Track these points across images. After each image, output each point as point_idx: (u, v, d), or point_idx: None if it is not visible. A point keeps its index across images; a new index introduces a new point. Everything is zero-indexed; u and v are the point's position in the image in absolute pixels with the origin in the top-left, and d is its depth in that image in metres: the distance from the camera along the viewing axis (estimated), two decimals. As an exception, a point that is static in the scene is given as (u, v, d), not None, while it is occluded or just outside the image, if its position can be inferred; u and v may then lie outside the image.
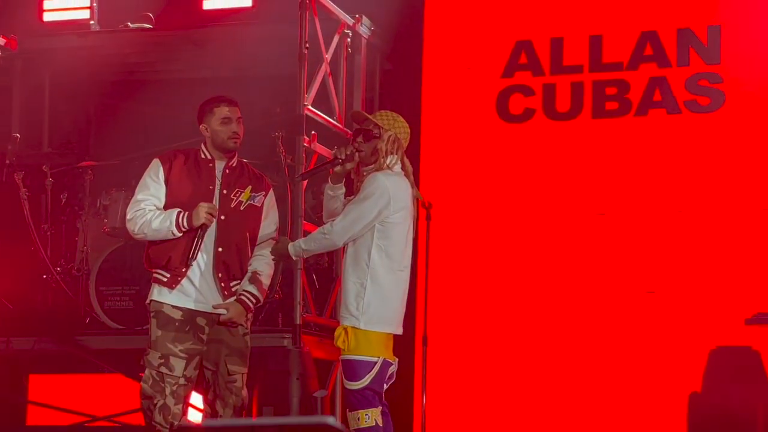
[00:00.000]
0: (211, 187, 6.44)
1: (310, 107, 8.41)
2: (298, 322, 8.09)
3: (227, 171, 6.49)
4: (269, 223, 6.61)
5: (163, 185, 6.42)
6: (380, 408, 6.13)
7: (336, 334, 6.20)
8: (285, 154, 8.62)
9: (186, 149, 6.65)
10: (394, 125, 6.30)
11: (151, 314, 6.39)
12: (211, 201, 6.39)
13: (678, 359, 8.20)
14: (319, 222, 7.69)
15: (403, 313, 6.32)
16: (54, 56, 9.70)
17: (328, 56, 8.71)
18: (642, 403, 8.20)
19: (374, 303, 6.15)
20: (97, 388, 8.95)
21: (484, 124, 8.90)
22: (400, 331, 6.32)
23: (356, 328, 6.14)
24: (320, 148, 8.45)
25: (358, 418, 6.08)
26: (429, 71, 9.08)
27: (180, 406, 6.34)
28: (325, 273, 8.98)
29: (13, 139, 9.55)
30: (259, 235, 6.56)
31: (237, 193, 6.46)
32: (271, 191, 6.66)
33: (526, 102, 8.86)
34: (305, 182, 8.28)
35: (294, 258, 6.53)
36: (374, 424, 6.07)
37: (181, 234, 6.31)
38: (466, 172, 8.87)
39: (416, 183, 8.77)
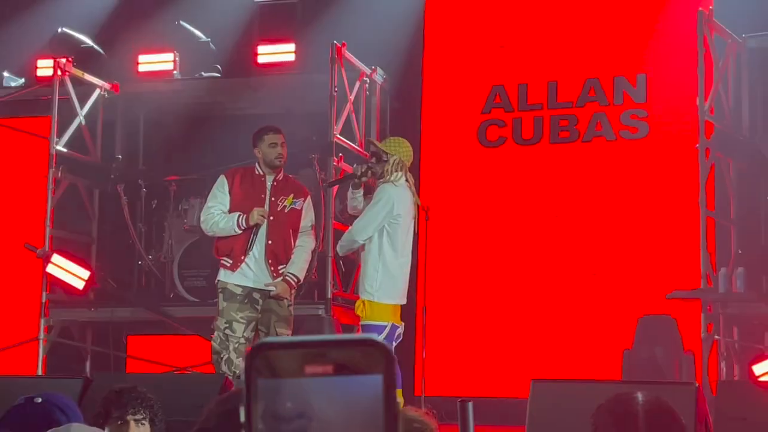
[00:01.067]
0: (262, 196, 6.44)
1: (338, 136, 8.39)
2: (329, 296, 8.06)
3: (275, 183, 6.48)
4: (307, 220, 6.59)
5: (228, 195, 6.43)
6: None
7: (356, 305, 6.20)
8: (319, 171, 8.61)
9: (244, 167, 6.65)
10: (399, 150, 6.32)
11: (219, 290, 6.41)
12: (263, 206, 6.37)
13: (615, 324, 8.18)
14: (345, 221, 7.67)
15: (407, 288, 6.31)
16: (146, 97, 9.69)
17: (351, 97, 8.68)
18: (589, 356, 8.18)
19: (384, 282, 6.14)
20: (179, 346, 8.90)
21: (468, 148, 8.88)
22: (404, 301, 6.30)
23: (371, 301, 6.13)
24: (346, 167, 8.41)
25: None
26: (427, 109, 9.06)
27: (241, 359, 6.33)
28: (350, 259, 8.94)
29: (116, 159, 9.56)
30: (300, 230, 6.53)
31: (282, 199, 6.46)
32: (309, 197, 6.65)
33: (500, 131, 8.84)
34: (334, 190, 8.25)
35: (341, 255, 6.64)
36: None
37: (241, 231, 6.32)
38: (455, 184, 8.87)
39: (417, 192, 8.77)
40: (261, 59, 9.22)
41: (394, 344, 6.27)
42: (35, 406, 3.05)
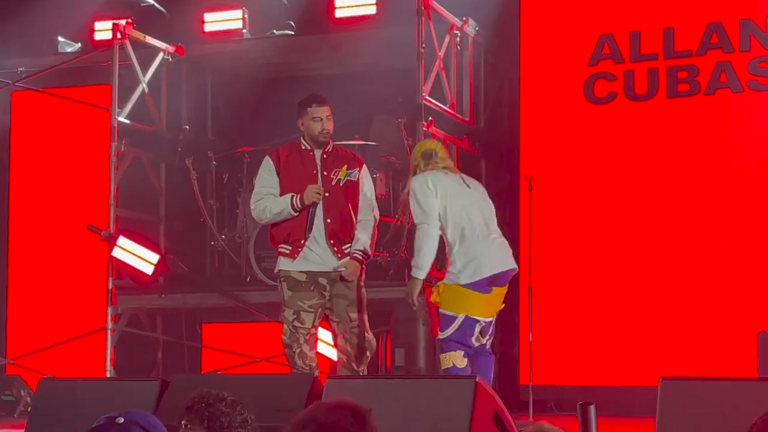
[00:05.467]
0: (314, 172, 6.42)
1: (427, 97, 8.29)
2: (422, 278, 7.96)
3: (325, 156, 6.48)
4: (367, 191, 6.56)
5: (276, 176, 6.44)
6: (461, 351, 6.07)
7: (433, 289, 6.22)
8: (407, 137, 8.52)
9: (289, 143, 6.60)
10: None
11: (282, 279, 6.40)
12: (316, 182, 6.34)
13: (748, 303, 7.98)
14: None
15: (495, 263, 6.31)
16: (214, 60, 9.71)
17: (441, 53, 8.57)
18: (719, 340, 7.99)
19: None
20: (258, 334, 8.94)
21: (573, 106, 8.69)
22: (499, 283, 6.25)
23: (446, 283, 6.31)
24: (437, 132, 8.30)
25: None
26: (526, 63, 8.87)
27: (314, 352, 6.38)
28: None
29: (183, 130, 9.59)
30: (359, 203, 6.48)
31: (336, 172, 6.43)
32: (364, 166, 6.60)
33: (609, 86, 8.63)
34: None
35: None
36: (450, 365, 6.05)
37: (296, 213, 6.30)
38: (560, 148, 8.70)
39: (517, 158, 8.66)
40: (338, 13, 9.13)
41: (485, 340, 6.22)
42: (118, 427, 3.05)
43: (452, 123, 8.67)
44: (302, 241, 6.31)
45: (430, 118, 8.27)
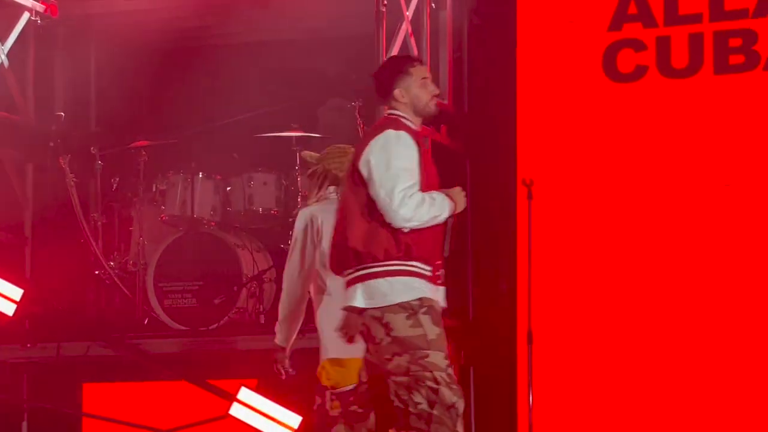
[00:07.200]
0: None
1: (390, 72, 8.29)
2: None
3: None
4: None
5: None
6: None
7: None
8: (364, 127, 8.51)
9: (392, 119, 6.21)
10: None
11: (422, 310, 5.89)
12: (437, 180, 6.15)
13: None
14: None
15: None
16: (100, 22, 9.66)
17: (409, 13, 8.62)
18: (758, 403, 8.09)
19: None
20: (160, 397, 8.93)
21: (588, 85, 8.78)
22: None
23: None
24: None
25: None
26: (524, 25, 8.92)
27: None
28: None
29: (57, 118, 9.55)
30: None
31: None
32: None
33: (637, 58, 8.72)
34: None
35: None
36: None
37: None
38: (570, 141, 8.73)
39: (513, 156, 8.67)
40: (270, -41, 9.15)
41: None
42: None
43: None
44: (439, 263, 6.01)
45: (395, 101, 8.28)
